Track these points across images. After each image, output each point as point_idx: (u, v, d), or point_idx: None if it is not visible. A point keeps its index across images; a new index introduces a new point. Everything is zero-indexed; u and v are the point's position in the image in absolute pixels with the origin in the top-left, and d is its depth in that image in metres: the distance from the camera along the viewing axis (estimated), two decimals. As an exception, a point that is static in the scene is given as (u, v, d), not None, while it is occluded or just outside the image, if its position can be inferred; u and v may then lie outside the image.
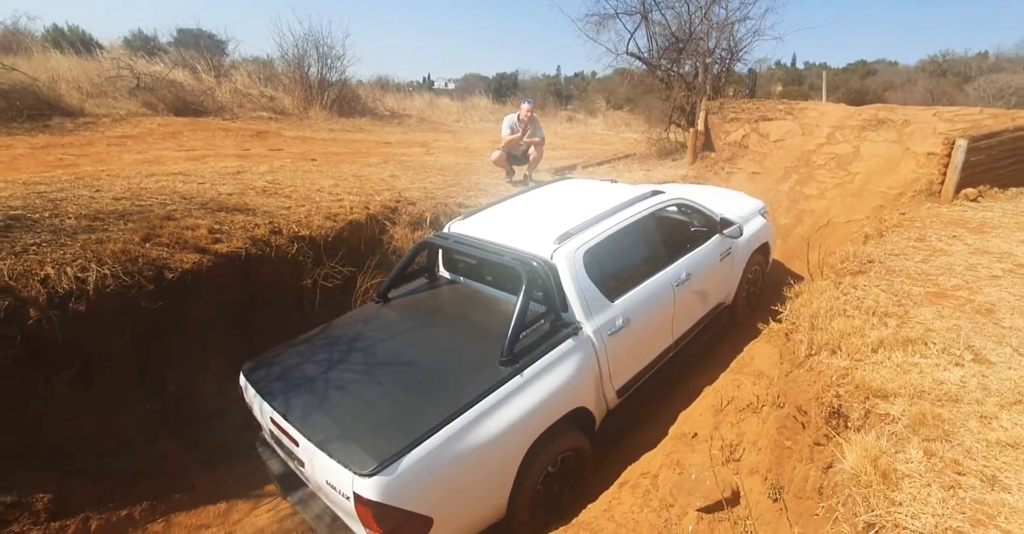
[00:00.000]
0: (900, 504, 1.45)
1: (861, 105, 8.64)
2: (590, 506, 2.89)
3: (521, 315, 2.88)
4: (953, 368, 2.05)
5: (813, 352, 2.32)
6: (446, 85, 41.94)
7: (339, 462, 2.31)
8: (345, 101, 14.83)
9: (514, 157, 6.91)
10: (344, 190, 5.97)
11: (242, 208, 4.97)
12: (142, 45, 16.73)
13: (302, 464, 2.59)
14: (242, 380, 3.02)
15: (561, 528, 2.70)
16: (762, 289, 5.07)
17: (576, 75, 46.95)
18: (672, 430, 3.35)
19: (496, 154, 6.77)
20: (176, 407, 3.58)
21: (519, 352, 2.85)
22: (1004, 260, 3.39)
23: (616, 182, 4.63)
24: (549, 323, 3.11)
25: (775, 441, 2.36)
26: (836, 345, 2.25)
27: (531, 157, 6.81)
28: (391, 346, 3.11)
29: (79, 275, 3.21)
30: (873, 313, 2.51)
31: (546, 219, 3.62)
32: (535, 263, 3.13)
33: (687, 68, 10.25)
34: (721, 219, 4.29)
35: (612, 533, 2.48)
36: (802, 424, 2.16)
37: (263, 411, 2.82)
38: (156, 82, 11.88)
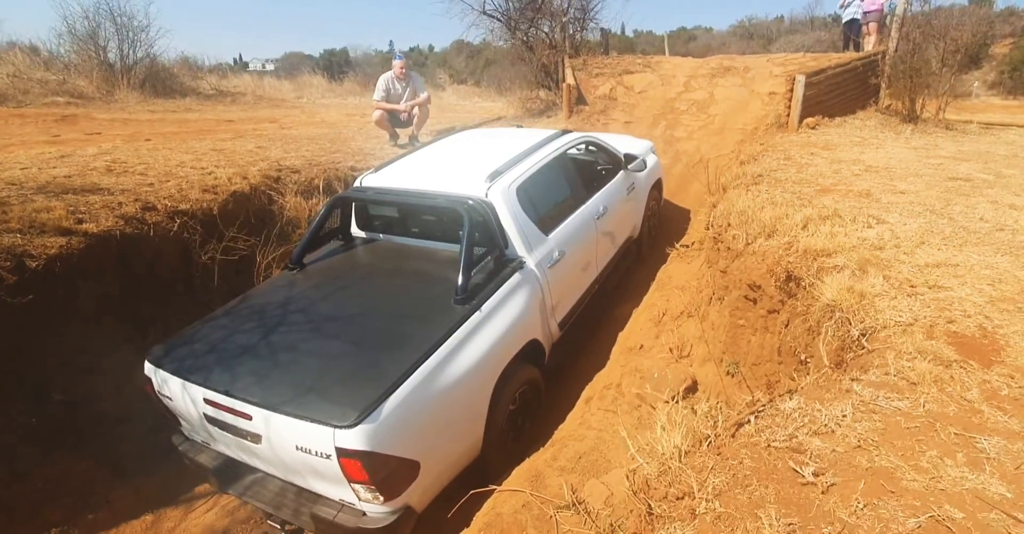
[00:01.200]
0: (883, 311, 1.81)
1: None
2: (562, 426, 3.00)
3: (468, 252, 2.83)
4: (867, 229, 2.49)
5: (750, 241, 2.60)
6: (263, 66, 37.90)
7: (312, 420, 2.11)
8: (159, 80, 12.87)
9: (397, 119, 6.62)
10: (210, 163, 5.35)
11: (92, 188, 4.24)
12: None
13: (256, 439, 2.33)
14: (148, 369, 2.58)
15: (544, 447, 2.76)
16: (659, 222, 5.49)
17: (412, 50, 45.50)
18: (617, 348, 3.56)
19: (377, 114, 6.44)
20: (69, 416, 2.99)
21: (472, 289, 2.81)
22: (857, 164, 4.07)
23: (522, 127, 4.66)
24: (494, 260, 3.09)
25: (728, 322, 2.62)
26: (771, 229, 2.56)
27: (415, 118, 6.58)
28: (332, 303, 2.88)
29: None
30: (787, 206, 2.89)
31: (468, 162, 3.55)
32: (471, 202, 3.07)
33: (545, 29, 10.54)
34: (625, 155, 4.54)
35: (594, 438, 2.59)
36: (753, 301, 2.43)
37: (190, 396, 2.46)
38: (-91, 74, 9.47)
